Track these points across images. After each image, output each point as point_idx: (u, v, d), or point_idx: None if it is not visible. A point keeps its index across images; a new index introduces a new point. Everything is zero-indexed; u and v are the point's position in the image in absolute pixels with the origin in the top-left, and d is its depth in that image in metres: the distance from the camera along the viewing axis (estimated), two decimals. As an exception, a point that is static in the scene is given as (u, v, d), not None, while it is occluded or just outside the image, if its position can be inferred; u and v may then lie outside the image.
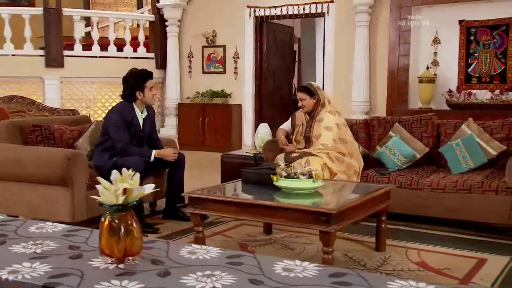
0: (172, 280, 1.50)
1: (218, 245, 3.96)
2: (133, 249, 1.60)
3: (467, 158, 4.65)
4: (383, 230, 3.88)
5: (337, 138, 4.79)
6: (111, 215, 1.59)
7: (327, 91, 8.88)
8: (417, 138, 5.04)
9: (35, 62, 9.04)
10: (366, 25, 8.36)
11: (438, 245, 4.01)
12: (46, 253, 1.71)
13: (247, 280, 1.52)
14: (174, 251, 1.74)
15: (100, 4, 14.87)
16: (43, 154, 4.14)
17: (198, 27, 9.84)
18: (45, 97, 9.10)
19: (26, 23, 9.02)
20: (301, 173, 3.61)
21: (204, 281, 1.51)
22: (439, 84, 7.93)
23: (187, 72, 10.09)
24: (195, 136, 9.64)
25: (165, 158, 4.50)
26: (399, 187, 4.59)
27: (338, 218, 3.15)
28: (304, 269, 1.62)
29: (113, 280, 1.46)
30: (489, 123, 4.85)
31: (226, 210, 3.48)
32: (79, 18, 9.56)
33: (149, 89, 4.51)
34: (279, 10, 9.11)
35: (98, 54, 9.47)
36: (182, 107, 9.87)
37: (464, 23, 7.87)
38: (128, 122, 4.42)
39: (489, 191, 4.26)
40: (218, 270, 1.61)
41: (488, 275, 3.39)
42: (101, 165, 4.38)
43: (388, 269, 3.54)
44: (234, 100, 9.61)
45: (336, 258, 3.71)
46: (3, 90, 9.03)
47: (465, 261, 3.66)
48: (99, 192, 1.59)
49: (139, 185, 1.63)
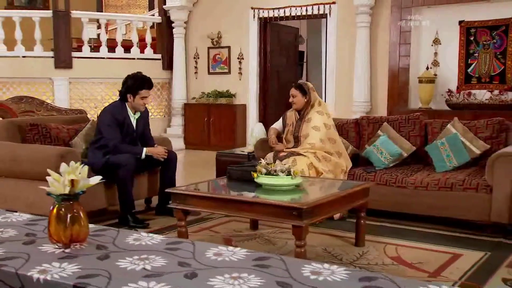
0: (109, 262, 1.64)
1: (204, 239, 4.14)
2: (79, 236, 1.76)
3: (451, 157, 4.74)
4: (362, 226, 4.00)
5: (325, 138, 4.91)
6: (59, 204, 1.74)
7: (329, 91, 9.03)
8: (405, 137, 5.14)
9: (45, 63, 9.32)
10: (367, 25, 8.46)
11: (417, 241, 4.12)
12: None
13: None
14: (121, 238, 1.89)
15: (112, 6, 15.15)
16: (37, 152, 4.34)
17: (204, 28, 10.03)
18: (55, 98, 9.36)
19: (36, 26, 9.29)
20: (280, 170, 3.74)
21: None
22: (440, 84, 8.00)
23: (193, 72, 10.28)
24: (200, 136, 9.83)
25: (155, 156, 4.66)
26: (384, 185, 4.71)
27: (310, 213, 3.28)
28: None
29: (54, 262, 1.60)
30: (474, 122, 4.94)
31: (205, 205, 3.63)
32: (88, 20, 9.78)
33: (141, 98, 4.66)
34: (283, 12, 9.25)
35: (105, 55, 9.71)
36: (188, 107, 10.07)
37: (464, 23, 7.92)
38: (120, 121, 4.60)
39: (469, 188, 4.35)
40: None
41: (458, 269, 3.50)
42: (94, 162, 4.56)
43: (363, 263, 3.66)
44: (238, 100, 9.78)
45: (315, 252, 3.87)
46: (14, 91, 9.31)
47: (440, 256, 3.77)
48: (49, 183, 1.75)
49: (87, 177, 1.78)
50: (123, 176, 4.44)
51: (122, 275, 1.54)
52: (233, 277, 1.55)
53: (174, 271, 1.58)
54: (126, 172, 4.44)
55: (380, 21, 8.49)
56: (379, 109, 8.50)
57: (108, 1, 15.12)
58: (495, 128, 4.80)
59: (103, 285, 1.46)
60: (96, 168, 4.54)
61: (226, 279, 1.53)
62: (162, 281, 1.50)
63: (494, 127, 4.81)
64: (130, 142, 4.71)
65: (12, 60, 9.33)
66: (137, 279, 1.51)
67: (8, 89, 9.39)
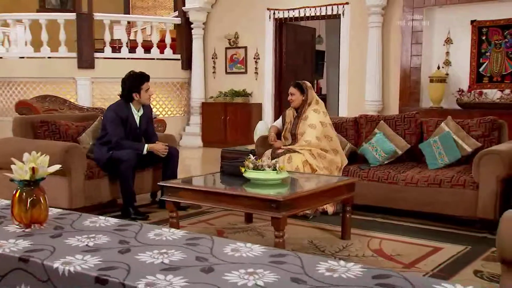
0: (59, 240, 1.86)
1: (198, 230, 4.36)
2: (39, 218, 1.99)
3: (442, 154, 4.85)
4: (347, 220, 4.15)
5: (321, 135, 5.08)
6: (21, 189, 1.98)
7: (342, 90, 9.16)
8: (401, 136, 5.26)
9: (68, 63, 9.72)
10: (379, 26, 8.56)
11: (402, 235, 4.25)
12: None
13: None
14: (80, 222, 2.11)
15: (139, 8, 15.56)
16: (44, 147, 4.60)
17: (222, 29, 10.28)
18: (78, 96, 9.74)
19: (60, 28, 9.69)
20: (266, 165, 3.94)
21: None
22: (451, 83, 8.06)
23: (211, 72, 10.54)
24: (217, 134, 10.08)
25: (155, 152, 4.91)
26: (376, 182, 4.86)
27: (288, 206, 3.47)
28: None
29: (11, 240, 1.83)
30: (467, 121, 5.03)
31: (193, 198, 3.86)
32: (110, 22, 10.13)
33: (145, 91, 4.93)
34: (297, 12, 9.43)
35: (126, 55, 10.04)
36: (205, 106, 10.33)
37: (475, 23, 7.97)
38: (123, 119, 4.87)
39: (457, 185, 4.46)
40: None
41: (433, 262, 3.63)
42: (99, 157, 4.84)
43: (344, 254, 3.82)
44: (254, 99, 10.00)
45: (300, 244, 4.05)
46: (41, 90, 9.75)
47: (421, 249, 3.90)
48: (13, 170, 1.99)
49: (48, 167, 2.02)
50: (125, 171, 4.69)
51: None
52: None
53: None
54: (127, 167, 4.69)
55: (392, 21, 8.59)
56: (391, 108, 8.59)
57: (135, 3, 15.53)
58: (487, 126, 4.89)
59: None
60: (101, 163, 4.84)
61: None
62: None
63: (487, 126, 4.89)
64: (134, 138, 4.97)
65: (38, 61, 9.77)
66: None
67: (35, 88, 9.83)
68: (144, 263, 1.65)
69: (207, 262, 1.66)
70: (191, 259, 1.69)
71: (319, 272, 1.58)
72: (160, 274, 1.54)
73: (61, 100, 9.16)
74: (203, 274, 1.56)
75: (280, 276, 1.54)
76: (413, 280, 1.50)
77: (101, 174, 4.83)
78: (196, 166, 8.82)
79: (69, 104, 9.14)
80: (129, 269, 1.58)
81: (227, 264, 1.65)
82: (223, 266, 1.63)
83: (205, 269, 1.60)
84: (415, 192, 4.64)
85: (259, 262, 1.67)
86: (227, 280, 1.51)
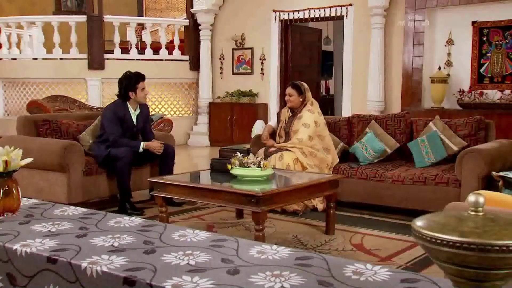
0: (25, 226, 2.04)
1: (189, 225, 4.54)
2: (11, 207, 2.18)
3: (429, 153, 4.98)
4: (330, 215, 4.30)
5: (313, 134, 5.23)
6: (-7, 180, 2.18)
7: (346, 90, 9.29)
8: (391, 135, 5.39)
9: (79, 64, 9.99)
10: (381, 27, 8.68)
11: (385, 230, 4.39)
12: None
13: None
14: (50, 211, 2.29)
15: (152, 9, 15.82)
16: (45, 145, 4.86)
17: (229, 30, 10.48)
18: (88, 96, 10.01)
19: (72, 30, 9.97)
20: (252, 162, 4.11)
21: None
22: (453, 84, 8.14)
23: (218, 73, 10.74)
24: (224, 133, 10.28)
25: (151, 150, 5.11)
26: (365, 179, 5.00)
27: (267, 201, 3.63)
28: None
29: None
30: (455, 120, 5.15)
31: (180, 193, 4.04)
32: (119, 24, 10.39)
33: (141, 90, 5.14)
34: (302, 14, 9.58)
35: (135, 57, 10.29)
36: (212, 106, 10.54)
37: (476, 24, 8.04)
38: (120, 117, 5.08)
39: (441, 183, 4.59)
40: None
41: (409, 255, 3.76)
42: (98, 155, 5.06)
43: (325, 248, 3.97)
44: (260, 99, 10.17)
45: (284, 238, 4.22)
46: (53, 90, 10.04)
47: (399, 244, 4.03)
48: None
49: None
50: (121, 168, 4.90)
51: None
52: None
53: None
54: (123, 164, 4.90)
55: (394, 22, 8.69)
56: (393, 108, 8.69)
57: (148, 5, 15.81)
58: (473, 126, 5.00)
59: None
60: (99, 160, 5.05)
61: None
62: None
63: (473, 125, 5.00)
64: (131, 136, 5.18)
65: (51, 62, 10.07)
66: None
67: (47, 89, 10.13)
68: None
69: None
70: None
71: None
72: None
73: (72, 100, 9.44)
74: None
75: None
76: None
77: (99, 171, 5.05)
78: (203, 164, 9.00)
79: (79, 104, 9.42)
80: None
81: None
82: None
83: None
84: (401, 190, 4.78)
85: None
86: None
